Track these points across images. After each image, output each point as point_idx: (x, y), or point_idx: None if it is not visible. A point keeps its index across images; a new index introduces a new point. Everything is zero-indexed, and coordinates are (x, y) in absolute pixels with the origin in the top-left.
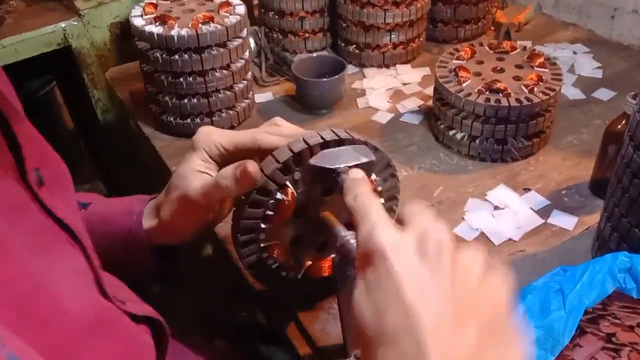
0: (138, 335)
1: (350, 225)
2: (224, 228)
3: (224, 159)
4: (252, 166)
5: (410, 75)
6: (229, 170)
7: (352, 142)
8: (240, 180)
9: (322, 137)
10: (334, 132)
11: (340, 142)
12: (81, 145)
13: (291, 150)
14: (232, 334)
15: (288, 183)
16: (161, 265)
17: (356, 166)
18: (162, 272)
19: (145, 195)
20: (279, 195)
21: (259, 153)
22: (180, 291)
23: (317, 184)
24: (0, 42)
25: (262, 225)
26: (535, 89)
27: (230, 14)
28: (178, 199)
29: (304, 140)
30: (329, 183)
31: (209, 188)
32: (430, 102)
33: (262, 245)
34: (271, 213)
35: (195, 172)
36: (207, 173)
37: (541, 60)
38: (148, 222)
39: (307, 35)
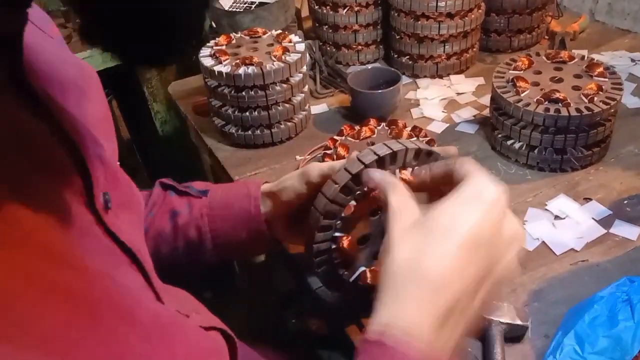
0: (208, 339)
1: None
2: None
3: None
4: None
5: (464, 85)
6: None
7: (405, 152)
8: None
9: (376, 154)
10: (386, 145)
11: (393, 155)
12: (137, 156)
13: (349, 172)
14: (283, 340)
15: (352, 203)
16: (275, 244)
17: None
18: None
19: (257, 180)
20: (343, 214)
21: None
22: (232, 297)
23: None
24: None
25: (343, 214)
26: (596, 98)
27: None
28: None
29: (359, 159)
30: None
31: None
32: (485, 112)
33: (336, 234)
34: (354, 203)
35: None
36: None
37: (600, 69)
38: (263, 205)
39: (360, 47)
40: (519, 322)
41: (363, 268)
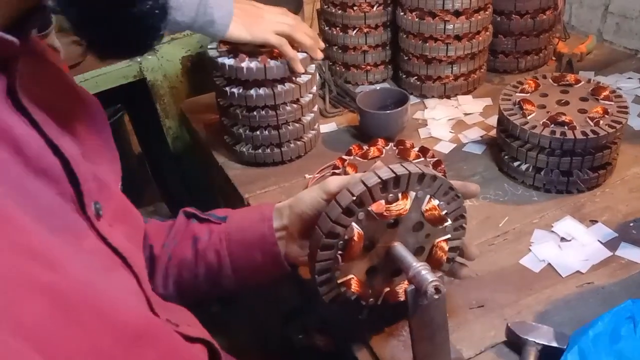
0: (188, 351)
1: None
2: None
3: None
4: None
5: (471, 106)
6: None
7: (408, 177)
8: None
9: (379, 177)
10: (390, 169)
11: (396, 179)
12: (148, 170)
13: (352, 194)
14: (289, 356)
15: (353, 224)
16: (291, 267)
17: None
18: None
19: (271, 202)
20: (346, 236)
21: None
22: (238, 311)
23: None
24: (82, 75)
25: (336, 265)
26: (601, 121)
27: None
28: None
29: (362, 182)
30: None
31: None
32: (492, 132)
33: (338, 281)
34: (341, 252)
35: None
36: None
37: (606, 93)
38: (280, 218)
39: (369, 67)
40: (555, 344)
41: (388, 289)
